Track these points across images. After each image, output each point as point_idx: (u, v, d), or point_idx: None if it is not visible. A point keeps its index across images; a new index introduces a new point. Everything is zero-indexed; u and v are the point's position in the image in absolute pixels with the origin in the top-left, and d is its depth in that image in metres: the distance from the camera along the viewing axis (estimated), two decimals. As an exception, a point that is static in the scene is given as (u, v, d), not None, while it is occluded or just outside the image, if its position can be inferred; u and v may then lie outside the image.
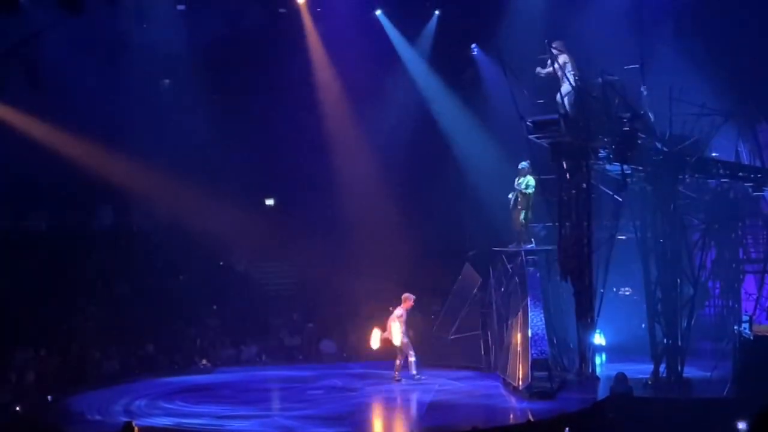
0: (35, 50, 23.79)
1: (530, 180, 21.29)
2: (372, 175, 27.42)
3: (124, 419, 16.61)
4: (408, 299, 21.50)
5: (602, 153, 20.30)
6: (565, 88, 19.75)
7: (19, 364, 21.85)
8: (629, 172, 20.10)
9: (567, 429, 15.66)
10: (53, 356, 22.67)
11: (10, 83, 23.71)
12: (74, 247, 26.52)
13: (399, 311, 21.31)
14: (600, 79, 19.75)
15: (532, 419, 17.55)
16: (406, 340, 21.29)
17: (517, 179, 21.53)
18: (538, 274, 20.82)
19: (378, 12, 27.43)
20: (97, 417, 18.65)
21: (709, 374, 19.90)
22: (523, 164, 21.41)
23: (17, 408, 19.24)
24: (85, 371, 22.82)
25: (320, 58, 27.77)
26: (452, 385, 21.27)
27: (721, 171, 20.93)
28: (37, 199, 26.88)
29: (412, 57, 27.82)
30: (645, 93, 20.27)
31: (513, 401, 19.41)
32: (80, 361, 23.03)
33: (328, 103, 27.95)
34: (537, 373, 19.36)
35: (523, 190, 21.27)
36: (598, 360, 21.77)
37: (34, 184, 25.55)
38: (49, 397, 19.51)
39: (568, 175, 20.23)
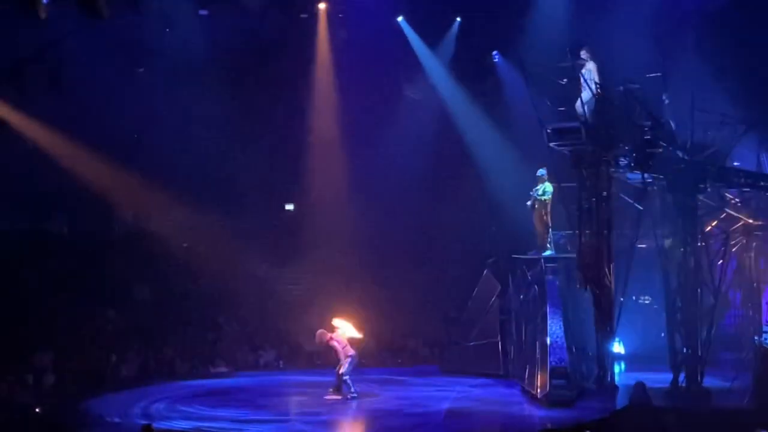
0: (58, 56, 23.94)
1: (548, 186, 21.25)
2: (392, 181, 27.39)
3: (143, 422, 16.74)
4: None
5: (623, 161, 20.26)
6: (586, 95, 19.71)
7: (38, 366, 21.96)
8: (650, 180, 20.08)
9: None
10: (72, 359, 22.77)
11: (32, 89, 23.85)
12: (94, 251, 26.60)
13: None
14: (621, 88, 19.71)
15: (550, 427, 17.50)
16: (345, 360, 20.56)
17: (535, 186, 21.54)
18: (557, 282, 20.76)
19: (400, 18, 27.43)
20: (116, 420, 18.70)
21: (729, 384, 19.82)
22: (541, 171, 21.39)
23: (36, 410, 19.31)
24: (103, 374, 22.91)
25: (341, 64, 27.79)
26: (470, 393, 21.25)
27: (742, 180, 20.81)
28: (58, 203, 26.99)
29: (433, 63, 27.81)
30: (666, 101, 20.21)
31: (531, 409, 19.38)
32: (99, 364, 23.12)
33: (349, 109, 27.94)
34: (555, 381, 19.32)
35: (540, 197, 21.25)
36: (617, 369, 21.67)
37: (55, 188, 25.64)
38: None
39: (588, 183, 20.18)
